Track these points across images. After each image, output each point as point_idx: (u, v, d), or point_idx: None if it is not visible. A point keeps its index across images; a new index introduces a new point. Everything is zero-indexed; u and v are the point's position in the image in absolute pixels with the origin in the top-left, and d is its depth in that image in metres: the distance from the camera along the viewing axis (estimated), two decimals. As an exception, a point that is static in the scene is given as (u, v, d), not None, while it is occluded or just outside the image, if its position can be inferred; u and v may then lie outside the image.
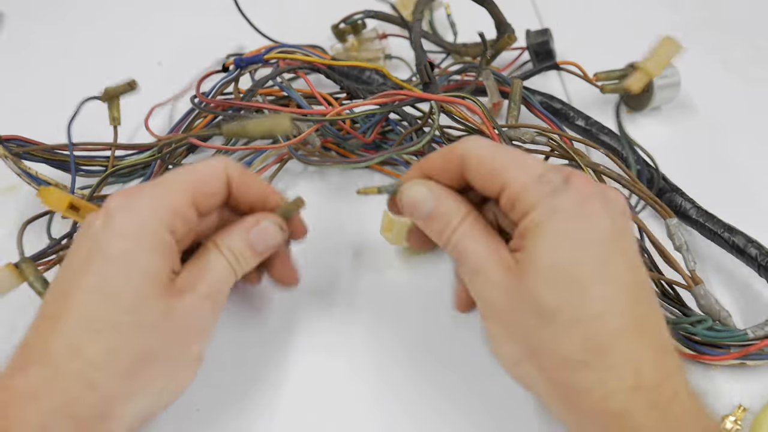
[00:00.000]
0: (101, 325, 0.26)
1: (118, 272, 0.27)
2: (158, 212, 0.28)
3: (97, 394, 0.26)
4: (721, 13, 0.65)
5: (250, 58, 0.47)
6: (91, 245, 0.28)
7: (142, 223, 0.28)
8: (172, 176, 0.30)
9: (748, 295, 0.40)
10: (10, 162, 0.41)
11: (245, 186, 0.32)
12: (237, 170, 0.32)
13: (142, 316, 0.27)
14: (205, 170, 0.31)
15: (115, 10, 0.67)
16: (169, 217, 0.28)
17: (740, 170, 0.49)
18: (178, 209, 0.29)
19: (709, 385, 0.35)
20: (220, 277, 0.30)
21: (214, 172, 0.31)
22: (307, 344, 0.38)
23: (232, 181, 0.31)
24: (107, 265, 0.27)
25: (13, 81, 0.58)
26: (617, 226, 0.27)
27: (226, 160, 0.31)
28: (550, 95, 0.51)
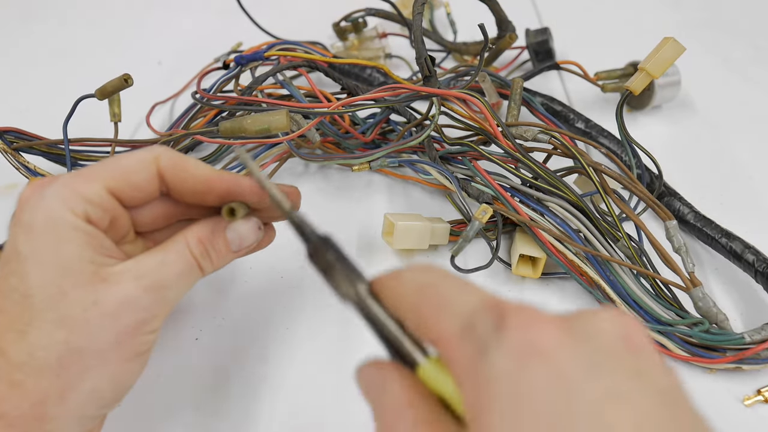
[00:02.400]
0: (22, 325, 0.25)
1: (32, 268, 0.26)
2: (67, 200, 0.26)
3: (22, 394, 0.25)
4: (721, 13, 0.65)
5: (250, 55, 0.47)
6: (8, 243, 0.27)
7: (50, 213, 0.26)
8: (92, 166, 0.28)
9: (748, 299, 0.40)
10: (9, 156, 0.41)
11: (180, 178, 0.29)
12: (171, 161, 0.29)
13: (62, 311, 0.25)
14: (128, 162, 0.28)
15: (116, 9, 0.67)
16: (80, 204, 0.27)
17: (740, 169, 0.49)
18: (91, 197, 0.27)
19: (704, 388, 0.35)
20: (173, 269, 0.28)
21: (139, 165, 0.28)
22: (307, 344, 0.38)
23: (164, 173, 0.29)
24: (21, 263, 0.26)
25: (13, 80, 0.58)
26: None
27: (159, 152, 0.29)
28: (551, 97, 0.51)
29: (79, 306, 0.25)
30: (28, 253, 0.26)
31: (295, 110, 0.41)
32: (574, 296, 0.40)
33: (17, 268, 0.26)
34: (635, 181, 0.39)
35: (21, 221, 0.26)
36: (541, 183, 0.39)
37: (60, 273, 0.26)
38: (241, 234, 0.31)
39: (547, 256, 0.38)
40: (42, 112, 0.52)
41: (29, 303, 0.25)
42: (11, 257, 0.26)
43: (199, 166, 0.30)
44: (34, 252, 0.26)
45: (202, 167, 0.30)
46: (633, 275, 0.38)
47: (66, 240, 0.26)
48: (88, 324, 0.26)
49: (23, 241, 0.26)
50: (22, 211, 0.26)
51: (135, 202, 0.29)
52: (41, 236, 0.26)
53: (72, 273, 0.26)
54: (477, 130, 0.43)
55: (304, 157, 0.45)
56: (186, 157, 0.29)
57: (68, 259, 0.26)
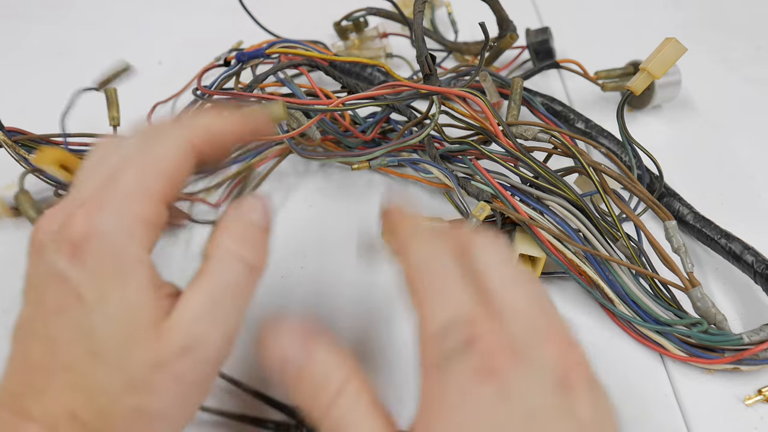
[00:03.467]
0: (91, 385, 0.22)
1: (99, 322, 0.23)
2: (133, 232, 0.23)
3: None
4: (721, 12, 0.65)
5: (251, 52, 0.47)
6: (63, 287, 0.23)
7: (118, 252, 0.23)
8: (134, 172, 0.24)
9: (747, 300, 0.40)
10: (9, 148, 0.41)
11: (212, 152, 0.26)
12: (205, 141, 0.26)
13: (129, 372, 0.23)
14: (169, 161, 0.25)
15: (116, 9, 0.67)
16: (145, 233, 0.24)
17: (740, 169, 0.49)
18: (154, 220, 0.24)
19: (703, 389, 0.35)
20: (230, 302, 0.25)
21: (182, 160, 0.25)
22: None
23: (199, 155, 0.26)
24: (87, 314, 0.23)
25: (13, 80, 0.58)
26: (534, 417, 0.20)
27: (191, 135, 0.25)
28: (551, 97, 0.51)
29: (144, 367, 0.23)
30: (94, 302, 0.23)
31: (295, 107, 0.41)
32: (573, 296, 0.40)
33: (82, 320, 0.23)
34: (635, 182, 0.39)
35: (84, 263, 0.23)
36: (542, 182, 0.39)
37: (127, 328, 0.23)
38: (262, 204, 0.28)
39: (546, 256, 0.38)
40: (42, 112, 0.52)
41: (97, 362, 0.22)
42: (70, 304, 0.23)
43: (223, 126, 0.26)
44: (102, 301, 0.23)
45: (224, 126, 0.26)
46: (632, 275, 0.38)
47: (133, 282, 0.23)
48: (154, 388, 0.23)
49: (89, 287, 0.23)
50: (80, 252, 0.23)
51: (176, 198, 0.26)
52: (110, 281, 0.23)
53: (137, 327, 0.23)
54: (477, 129, 0.43)
55: (304, 155, 0.45)
56: (211, 124, 0.26)
57: (135, 309, 0.23)
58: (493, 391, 0.20)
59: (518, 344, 0.21)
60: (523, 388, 0.20)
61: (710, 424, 0.34)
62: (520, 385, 0.20)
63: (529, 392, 0.20)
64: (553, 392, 0.21)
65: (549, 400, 0.20)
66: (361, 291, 0.40)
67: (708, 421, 0.34)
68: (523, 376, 0.20)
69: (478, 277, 0.23)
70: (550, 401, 0.20)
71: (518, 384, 0.20)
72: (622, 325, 0.38)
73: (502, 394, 0.20)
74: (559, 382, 0.21)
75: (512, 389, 0.20)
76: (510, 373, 0.20)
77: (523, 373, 0.20)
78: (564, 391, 0.21)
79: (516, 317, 0.22)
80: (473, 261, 0.24)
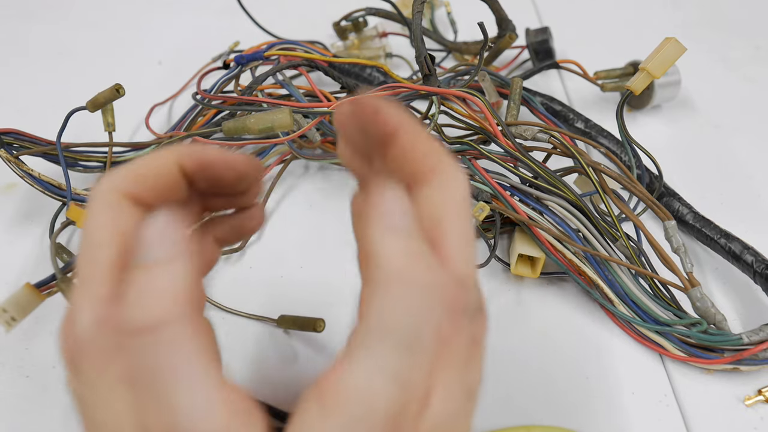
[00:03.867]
0: None
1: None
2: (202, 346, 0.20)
3: None
4: (721, 12, 0.65)
5: (250, 54, 0.47)
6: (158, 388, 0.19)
7: (189, 347, 0.20)
8: (158, 274, 0.20)
9: (747, 300, 0.40)
10: (13, 165, 0.41)
11: (211, 171, 0.24)
12: (189, 154, 0.23)
13: None
14: (144, 162, 0.23)
15: (116, 9, 0.67)
16: (201, 304, 0.22)
17: (740, 169, 0.49)
18: (199, 284, 0.22)
19: (702, 389, 0.35)
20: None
21: (161, 164, 0.23)
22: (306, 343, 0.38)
23: (189, 171, 0.24)
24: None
25: (14, 80, 0.58)
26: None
27: (171, 150, 0.23)
28: (551, 97, 0.51)
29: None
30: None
31: (296, 110, 0.41)
32: (572, 296, 0.40)
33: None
34: (634, 182, 0.39)
35: (170, 357, 0.19)
36: (541, 182, 0.39)
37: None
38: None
39: (545, 256, 0.38)
40: (42, 112, 0.52)
41: None
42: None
43: (215, 153, 0.24)
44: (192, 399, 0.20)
45: (216, 154, 0.24)
46: (631, 275, 0.38)
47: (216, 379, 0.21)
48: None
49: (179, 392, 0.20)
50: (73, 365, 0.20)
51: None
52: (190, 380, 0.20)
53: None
54: (477, 129, 0.43)
55: (305, 157, 0.45)
56: (200, 149, 0.24)
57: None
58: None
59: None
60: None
61: (710, 424, 0.34)
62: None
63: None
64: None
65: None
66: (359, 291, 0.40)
67: (708, 421, 0.34)
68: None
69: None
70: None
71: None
72: (622, 325, 0.38)
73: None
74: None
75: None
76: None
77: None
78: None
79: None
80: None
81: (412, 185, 0.22)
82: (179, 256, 0.20)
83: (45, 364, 0.36)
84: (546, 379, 0.36)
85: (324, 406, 0.19)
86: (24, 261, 0.42)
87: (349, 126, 0.23)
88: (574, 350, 0.37)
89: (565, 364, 0.37)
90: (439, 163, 0.22)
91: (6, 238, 0.44)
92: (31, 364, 0.37)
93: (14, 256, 0.42)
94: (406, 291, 0.19)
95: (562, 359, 0.37)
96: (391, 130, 0.22)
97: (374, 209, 0.21)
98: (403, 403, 0.19)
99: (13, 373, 0.36)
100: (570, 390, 0.35)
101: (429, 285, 0.19)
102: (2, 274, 0.41)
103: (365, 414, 0.18)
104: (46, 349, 0.37)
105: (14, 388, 0.36)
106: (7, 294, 0.34)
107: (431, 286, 0.19)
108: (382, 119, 0.22)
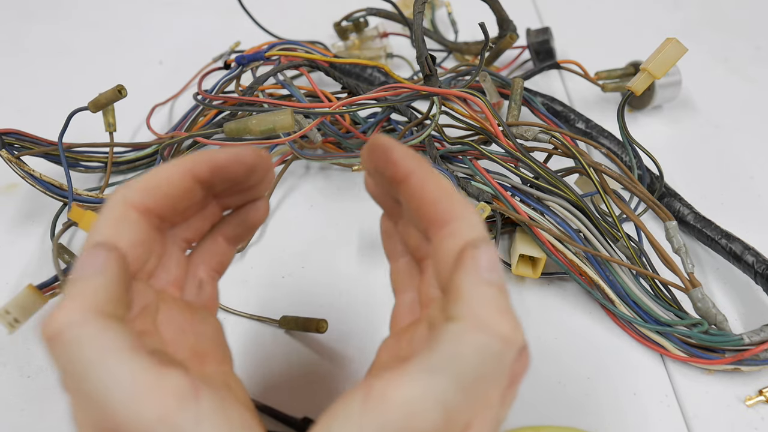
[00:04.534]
0: None
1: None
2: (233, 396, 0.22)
3: None
4: (722, 12, 0.65)
5: (251, 55, 0.47)
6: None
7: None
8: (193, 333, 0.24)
9: (747, 300, 0.40)
10: (14, 165, 0.41)
11: (225, 173, 0.25)
12: (202, 162, 0.24)
13: None
14: (156, 173, 0.24)
15: (117, 9, 0.67)
16: (123, 307, 0.22)
17: (741, 169, 0.49)
18: (121, 291, 0.22)
19: (703, 389, 0.35)
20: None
21: (173, 174, 0.24)
22: (306, 342, 0.38)
23: (204, 178, 0.24)
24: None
25: (14, 80, 0.58)
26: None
27: (184, 160, 0.24)
28: (551, 97, 0.51)
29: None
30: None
31: (297, 110, 0.41)
32: (573, 296, 0.40)
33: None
34: (635, 182, 0.39)
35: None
36: (542, 182, 0.39)
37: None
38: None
39: (546, 257, 0.38)
40: (43, 112, 0.52)
41: None
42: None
43: (226, 154, 0.24)
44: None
45: (228, 155, 0.24)
46: (632, 275, 0.38)
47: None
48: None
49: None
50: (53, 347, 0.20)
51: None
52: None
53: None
54: (478, 130, 0.43)
55: (306, 157, 0.45)
56: (212, 154, 0.24)
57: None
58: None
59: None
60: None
61: (710, 424, 0.34)
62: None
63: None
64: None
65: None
66: (361, 291, 0.40)
67: (708, 421, 0.34)
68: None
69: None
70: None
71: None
72: (623, 326, 0.38)
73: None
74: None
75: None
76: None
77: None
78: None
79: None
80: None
81: (428, 230, 0.24)
82: (98, 274, 0.21)
83: (46, 364, 0.36)
84: (547, 379, 0.36)
85: (368, 404, 0.19)
86: (25, 261, 0.42)
87: (368, 163, 0.25)
88: (575, 351, 0.37)
89: (566, 365, 0.37)
90: (451, 210, 0.23)
91: (7, 238, 0.44)
92: (32, 364, 0.37)
93: (16, 256, 0.43)
94: (488, 340, 0.20)
95: (563, 360, 0.37)
96: (401, 174, 0.23)
97: (471, 261, 0.22)
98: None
99: (15, 374, 0.36)
100: (571, 390, 0.35)
101: (509, 340, 0.20)
102: (3, 274, 0.41)
103: (403, 426, 0.19)
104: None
105: (15, 388, 0.36)
106: (9, 294, 0.34)
107: (510, 342, 0.20)
108: (393, 162, 0.23)
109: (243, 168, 0.25)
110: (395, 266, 0.28)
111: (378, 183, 0.27)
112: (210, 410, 0.20)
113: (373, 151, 0.24)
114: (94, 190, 0.44)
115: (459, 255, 0.22)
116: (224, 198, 0.27)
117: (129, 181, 0.24)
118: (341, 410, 0.20)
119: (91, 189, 0.45)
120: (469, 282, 0.21)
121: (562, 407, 0.35)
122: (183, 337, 0.24)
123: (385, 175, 0.24)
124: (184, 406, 0.19)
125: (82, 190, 0.43)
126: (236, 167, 0.25)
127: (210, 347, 0.25)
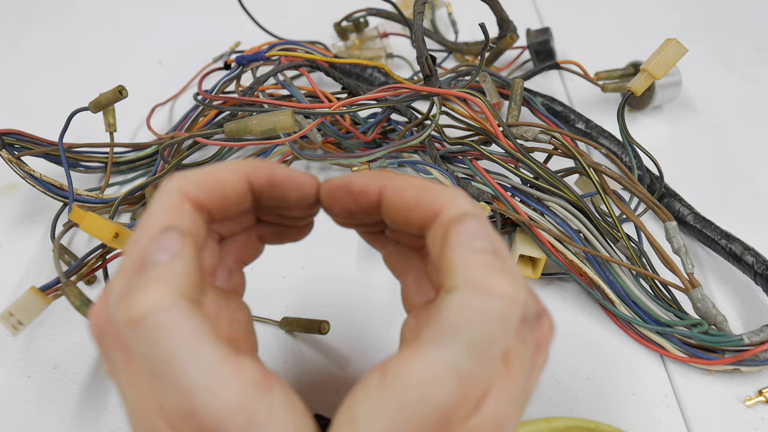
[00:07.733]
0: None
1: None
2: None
3: None
4: (722, 12, 0.65)
5: (251, 55, 0.47)
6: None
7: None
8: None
9: (747, 301, 0.40)
10: (14, 165, 0.41)
11: (277, 189, 0.25)
12: (257, 169, 0.24)
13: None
14: (215, 168, 0.24)
15: (117, 9, 0.67)
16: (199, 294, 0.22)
17: (740, 169, 0.49)
18: (197, 278, 0.22)
19: (702, 390, 0.36)
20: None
21: (229, 173, 0.24)
22: (311, 345, 0.38)
23: (257, 186, 0.25)
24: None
25: (15, 80, 0.58)
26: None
27: (244, 162, 0.25)
28: (551, 97, 0.51)
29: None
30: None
31: (297, 110, 0.41)
32: (573, 296, 0.40)
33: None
34: (635, 182, 0.39)
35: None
36: (542, 183, 0.39)
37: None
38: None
39: (546, 257, 0.38)
40: (44, 112, 0.53)
41: None
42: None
43: (285, 172, 0.25)
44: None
45: (286, 172, 0.25)
46: (632, 276, 0.38)
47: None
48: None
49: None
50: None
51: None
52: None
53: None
54: (478, 130, 0.43)
55: (306, 158, 0.45)
56: (272, 166, 0.25)
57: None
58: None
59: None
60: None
61: (710, 424, 0.34)
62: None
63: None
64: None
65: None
66: (361, 291, 0.40)
67: (708, 421, 0.34)
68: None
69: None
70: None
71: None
72: (623, 326, 0.38)
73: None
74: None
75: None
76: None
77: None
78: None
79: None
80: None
81: (423, 230, 0.23)
82: (178, 258, 0.21)
83: (46, 365, 0.37)
84: (547, 379, 0.36)
85: (384, 382, 0.20)
86: (26, 262, 0.42)
87: (337, 210, 0.25)
88: (575, 351, 0.37)
89: (565, 365, 0.37)
90: (435, 202, 0.23)
91: (7, 239, 0.44)
92: (32, 365, 0.37)
93: (16, 256, 0.43)
94: (488, 301, 0.20)
95: (562, 360, 0.37)
96: (374, 195, 0.23)
97: (456, 235, 0.21)
98: (457, 402, 0.20)
99: (15, 374, 0.36)
100: (571, 390, 0.36)
101: (509, 298, 0.20)
102: (4, 275, 0.41)
103: (420, 400, 0.19)
104: (48, 350, 0.37)
105: (15, 388, 0.36)
106: (9, 295, 0.34)
107: (511, 300, 0.20)
108: (359, 190, 0.24)
109: (297, 193, 0.25)
110: (385, 253, 0.28)
111: (352, 217, 0.26)
112: (280, 399, 0.20)
113: (334, 198, 0.25)
114: (95, 191, 0.44)
115: (444, 234, 0.22)
116: (264, 213, 0.27)
117: (185, 171, 0.24)
118: (361, 392, 0.20)
119: (91, 189, 0.45)
120: (457, 254, 0.21)
121: (561, 407, 0.35)
122: (218, 324, 0.25)
123: (361, 208, 0.24)
124: (261, 395, 0.20)
125: (82, 190, 0.43)
126: (291, 189, 0.25)
127: (242, 333, 0.26)
